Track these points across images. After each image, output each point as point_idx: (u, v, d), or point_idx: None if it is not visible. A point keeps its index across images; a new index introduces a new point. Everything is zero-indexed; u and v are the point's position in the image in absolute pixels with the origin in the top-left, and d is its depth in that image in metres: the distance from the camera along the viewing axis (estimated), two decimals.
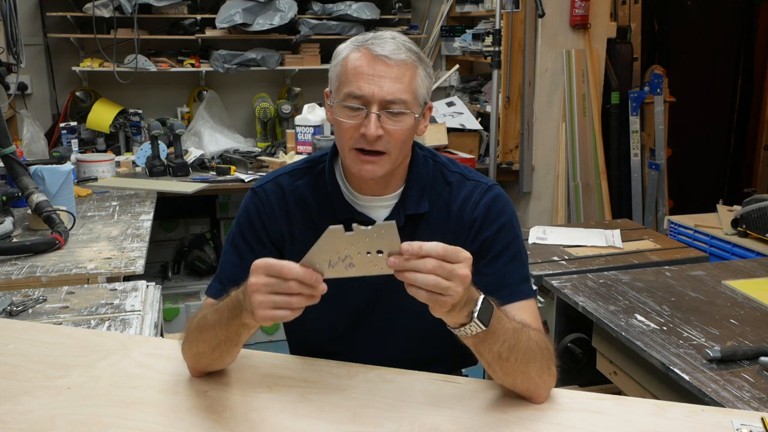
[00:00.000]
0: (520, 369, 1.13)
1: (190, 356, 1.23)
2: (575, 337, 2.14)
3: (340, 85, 1.25)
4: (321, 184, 1.36)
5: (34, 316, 1.67)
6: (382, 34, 1.26)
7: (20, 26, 3.23)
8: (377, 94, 1.21)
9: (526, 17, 3.72)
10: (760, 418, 1.14)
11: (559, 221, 3.85)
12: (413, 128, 1.27)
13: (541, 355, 1.15)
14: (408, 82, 1.23)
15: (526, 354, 1.12)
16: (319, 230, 1.35)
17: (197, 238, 4.11)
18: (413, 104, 1.24)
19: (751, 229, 2.71)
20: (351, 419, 1.12)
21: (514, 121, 3.85)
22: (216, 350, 1.17)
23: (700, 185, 4.90)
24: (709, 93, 4.88)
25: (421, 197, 1.34)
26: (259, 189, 1.39)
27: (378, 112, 1.21)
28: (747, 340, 1.66)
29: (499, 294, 1.25)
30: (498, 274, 1.29)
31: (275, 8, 3.91)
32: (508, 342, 1.10)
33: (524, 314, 1.25)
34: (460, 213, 1.34)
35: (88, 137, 3.94)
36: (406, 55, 1.23)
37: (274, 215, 1.36)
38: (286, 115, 4.01)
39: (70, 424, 1.10)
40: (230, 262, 1.35)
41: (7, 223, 2.33)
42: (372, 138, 1.22)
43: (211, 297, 1.33)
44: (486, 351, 1.10)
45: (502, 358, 1.10)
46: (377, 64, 1.21)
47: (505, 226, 1.32)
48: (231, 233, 1.39)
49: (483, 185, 1.36)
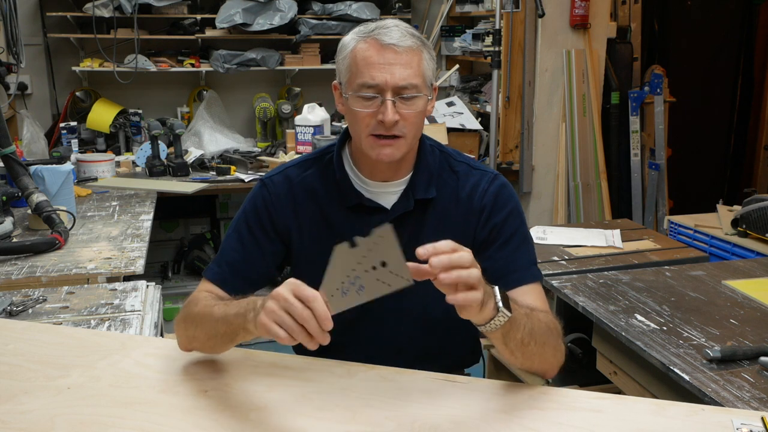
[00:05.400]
0: (539, 351, 1.19)
1: (184, 335, 1.27)
2: (575, 337, 2.14)
3: (352, 76, 1.29)
4: (330, 172, 1.40)
5: (34, 316, 1.67)
6: (386, 23, 1.31)
7: (20, 26, 3.23)
8: (390, 82, 1.25)
9: (526, 17, 3.72)
10: (760, 417, 1.14)
11: (559, 221, 3.85)
12: (424, 110, 1.32)
13: (551, 334, 1.22)
14: (416, 67, 1.27)
15: (542, 336, 1.18)
16: (328, 218, 1.37)
17: (197, 238, 4.11)
18: (423, 87, 1.29)
19: (751, 229, 2.71)
20: (351, 419, 1.12)
21: (514, 121, 3.85)
22: (210, 340, 1.21)
23: (700, 185, 4.90)
24: (709, 93, 4.88)
25: (429, 183, 1.38)
26: (267, 180, 1.42)
27: (393, 99, 1.26)
28: (747, 340, 1.66)
29: (510, 278, 1.32)
30: (508, 258, 1.35)
31: (275, 8, 3.92)
32: (527, 327, 1.15)
33: (533, 296, 1.33)
34: (470, 200, 1.39)
35: (88, 137, 3.94)
36: (411, 41, 1.27)
37: (282, 206, 1.39)
38: (286, 115, 4.01)
39: (70, 424, 1.10)
40: (231, 247, 1.39)
41: (7, 223, 2.33)
42: (390, 124, 1.26)
43: (208, 279, 1.37)
44: (511, 340, 1.13)
45: (524, 343, 1.15)
46: (386, 52, 1.26)
47: (513, 212, 1.39)
48: (236, 220, 1.42)
49: (489, 174, 1.43)
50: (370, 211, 1.37)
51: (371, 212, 1.37)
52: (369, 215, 1.37)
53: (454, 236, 1.36)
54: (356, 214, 1.37)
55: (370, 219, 1.36)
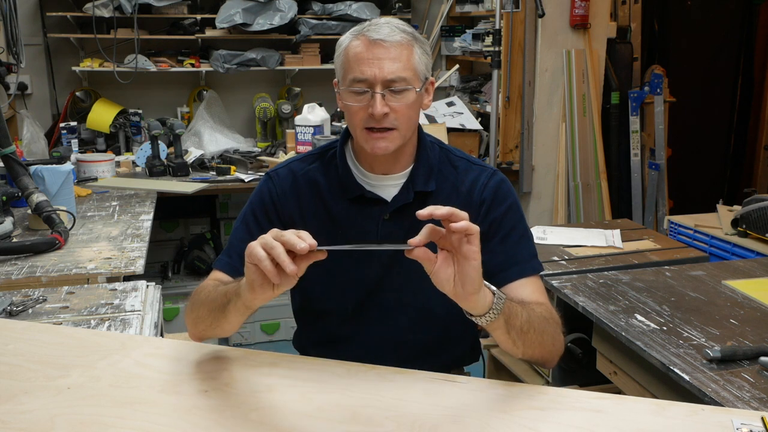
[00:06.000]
0: (538, 339, 1.22)
1: (191, 319, 1.32)
2: (575, 337, 2.14)
3: (345, 72, 1.34)
4: (332, 167, 1.45)
5: (34, 316, 1.67)
6: (378, 20, 1.36)
7: (20, 26, 3.23)
8: (378, 75, 1.30)
9: (526, 17, 3.72)
10: (760, 417, 1.14)
11: (559, 221, 3.85)
12: (417, 103, 1.36)
13: (548, 323, 1.26)
14: (406, 60, 1.32)
15: (540, 324, 1.22)
16: (330, 210, 1.42)
17: (197, 238, 4.11)
18: (414, 80, 1.33)
19: (751, 229, 2.71)
20: (351, 419, 1.12)
21: (514, 121, 3.85)
22: (211, 315, 1.24)
23: (700, 185, 4.90)
24: (709, 93, 4.88)
25: (428, 177, 1.42)
26: (273, 173, 1.48)
27: (382, 92, 1.30)
28: (747, 340, 1.66)
29: (510, 271, 1.36)
30: (509, 252, 1.38)
31: (275, 8, 3.92)
32: (524, 315, 1.18)
33: (533, 288, 1.36)
34: (469, 194, 1.42)
35: (88, 137, 3.94)
36: (400, 36, 1.32)
37: (286, 198, 1.44)
38: (286, 115, 4.01)
39: (70, 424, 1.10)
40: (239, 237, 1.42)
41: (7, 223, 2.33)
42: (379, 116, 1.31)
43: (218, 269, 1.42)
44: (512, 328, 1.16)
45: (523, 331, 1.18)
46: (375, 48, 1.31)
47: (512, 207, 1.42)
48: (243, 212, 1.47)
49: (488, 170, 1.46)
50: (371, 203, 1.41)
51: (372, 203, 1.41)
52: (369, 206, 1.41)
53: None
54: (357, 206, 1.41)
55: (371, 210, 1.41)
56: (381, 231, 1.40)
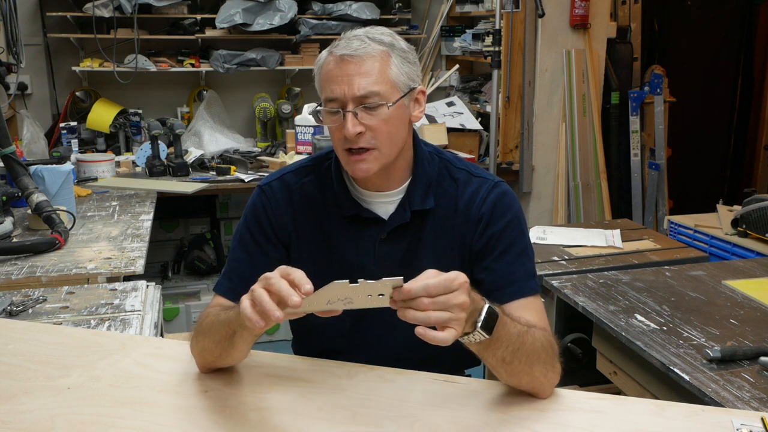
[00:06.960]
0: (525, 371, 1.14)
1: (197, 350, 1.24)
2: (575, 337, 2.14)
3: (320, 92, 1.29)
4: (327, 181, 1.38)
5: (34, 316, 1.67)
6: (351, 32, 1.28)
7: (20, 26, 3.23)
8: (348, 93, 1.22)
9: (526, 17, 3.72)
10: (760, 418, 1.14)
11: (559, 221, 3.85)
12: (398, 117, 1.27)
13: (545, 354, 1.16)
14: (378, 74, 1.23)
15: (530, 356, 1.13)
16: (326, 228, 1.35)
17: (197, 238, 4.11)
18: (390, 93, 1.24)
19: (751, 229, 2.71)
20: (351, 419, 1.12)
21: (514, 121, 3.85)
22: (218, 346, 1.18)
23: (700, 185, 4.90)
24: (709, 93, 4.88)
25: (426, 193, 1.35)
26: (265, 186, 1.40)
27: (353, 111, 1.23)
28: (747, 340, 1.66)
29: (506, 291, 1.28)
30: (505, 270, 1.31)
31: (275, 8, 3.91)
32: (512, 346, 1.10)
33: (530, 311, 1.27)
34: (468, 209, 1.35)
35: (88, 137, 3.94)
36: (372, 48, 1.23)
37: (281, 212, 1.37)
38: (286, 115, 4.01)
39: (70, 424, 1.10)
40: (238, 259, 1.37)
41: (7, 223, 2.33)
42: (351, 136, 1.23)
43: (219, 294, 1.35)
44: (490, 356, 1.11)
45: (505, 361, 1.11)
46: (344, 64, 1.23)
47: (511, 223, 1.34)
48: (238, 230, 1.40)
49: (490, 182, 1.37)
50: (368, 222, 1.35)
51: (368, 223, 1.35)
52: (366, 226, 1.35)
53: (452, 248, 1.36)
54: (354, 225, 1.35)
55: (368, 230, 1.35)
56: (378, 251, 1.35)
